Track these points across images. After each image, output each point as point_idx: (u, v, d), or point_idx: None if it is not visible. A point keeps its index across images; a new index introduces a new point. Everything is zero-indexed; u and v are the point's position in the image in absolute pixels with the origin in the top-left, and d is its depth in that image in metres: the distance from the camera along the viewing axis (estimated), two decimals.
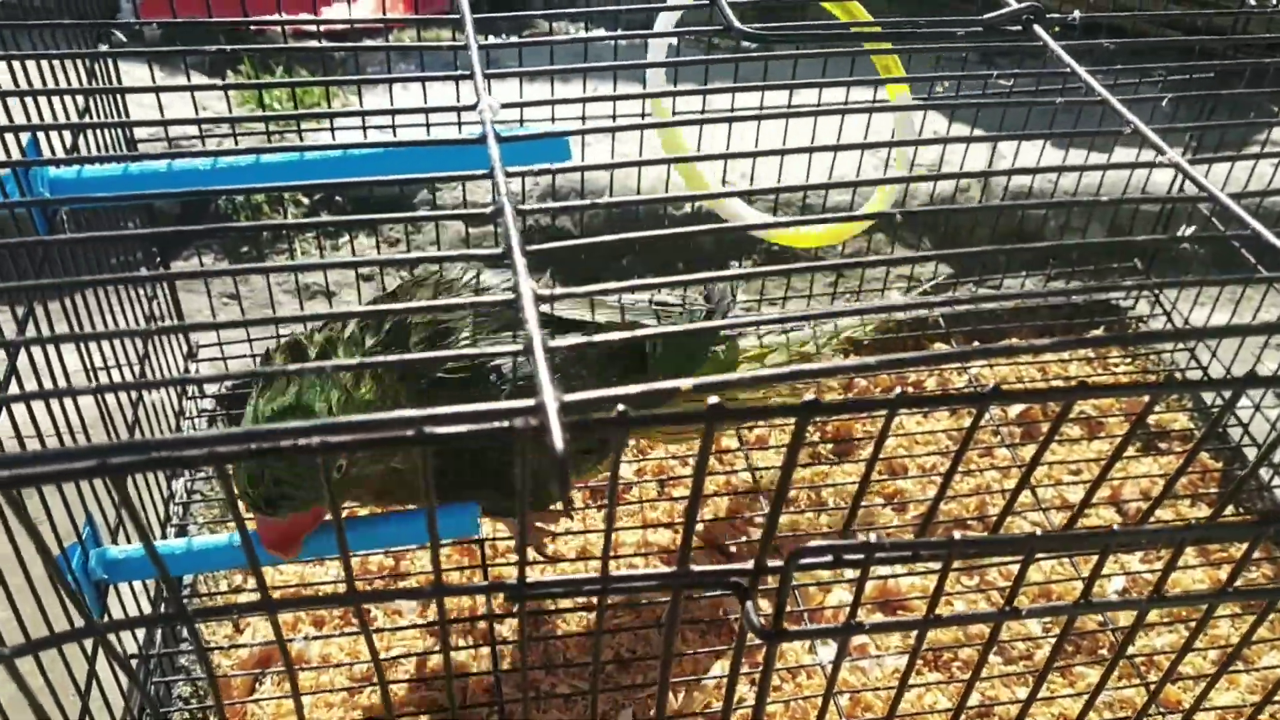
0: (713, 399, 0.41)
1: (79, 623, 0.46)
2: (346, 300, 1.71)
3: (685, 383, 0.42)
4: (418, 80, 0.81)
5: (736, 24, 0.65)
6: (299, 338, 0.93)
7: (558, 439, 0.39)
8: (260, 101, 1.92)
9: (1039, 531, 1.32)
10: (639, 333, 0.47)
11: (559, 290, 0.47)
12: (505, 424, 0.40)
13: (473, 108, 0.59)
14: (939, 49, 0.70)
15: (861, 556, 0.47)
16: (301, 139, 1.64)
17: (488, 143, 0.55)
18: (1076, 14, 0.70)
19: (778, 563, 0.48)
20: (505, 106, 0.60)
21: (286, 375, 0.88)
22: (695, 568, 0.48)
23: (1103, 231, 1.74)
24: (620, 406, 0.41)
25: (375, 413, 0.40)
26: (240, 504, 0.84)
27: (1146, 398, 1.52)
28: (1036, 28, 0.67)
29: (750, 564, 0.49)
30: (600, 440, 1.05)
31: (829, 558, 0.48)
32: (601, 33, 2.00)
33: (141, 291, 1.29)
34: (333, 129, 1.38)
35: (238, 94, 1.98)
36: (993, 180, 1.72)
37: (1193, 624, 1.24)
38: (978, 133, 1.63)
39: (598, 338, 0.46)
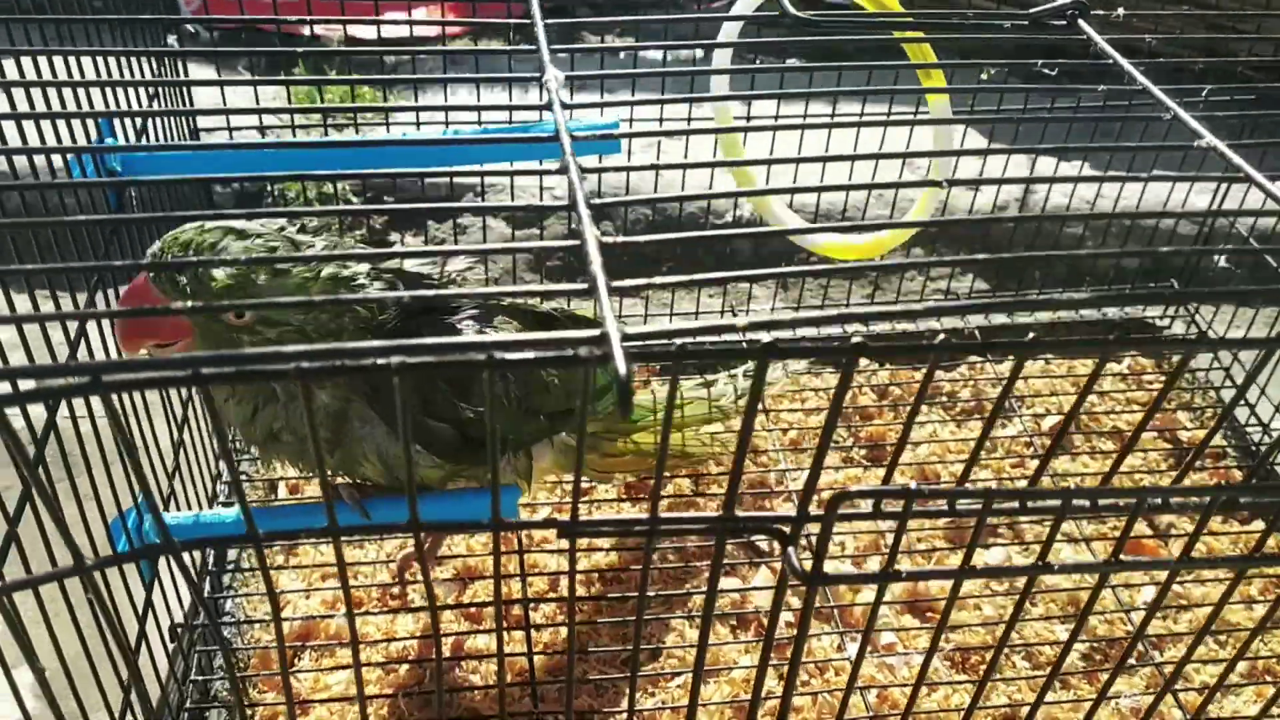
0: (764, 336, 0.44)
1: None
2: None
3: (740, 321, 0.45)
4: (476, 79, 0.83)
5: (791, 10, 0.67)
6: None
7: (621, 364, 0.42)
8: (319, 99, 1.97)
9: (1067, 545, 1.33)
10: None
11: (621, 239, 0.49)
12: (572, 352, 0.43)
13: (548, 107, 0.62)
14: (986, 39, 0.71)
15: (902, 502, 0.49)
16: (358, 129, 1.68)
17: (560, 133, 0.58)
18: (1121, 11, 0.73)
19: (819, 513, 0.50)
20: (567, 107, 0.62)
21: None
22: (740, 513, 0.51)
23: (1138, 256, 1.75)
24: (679, 341, 0.44)
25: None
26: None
27: (1178, 413, 1.53)
28: (1081, 22, 0.69)
29: (793, 510, 0.51)
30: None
31: (870, 503, 0.50)
32: (676, 45, 2.04)
33: None
34: (388, 124, 1.42)
35: (295, 95, 2.03)
36: (1032, 198, 1.74)
37: (1225, 643, 1.25)
38: (1018, 147, 1.65)
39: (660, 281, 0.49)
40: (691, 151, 1.70)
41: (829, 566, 1.08)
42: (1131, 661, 1.22)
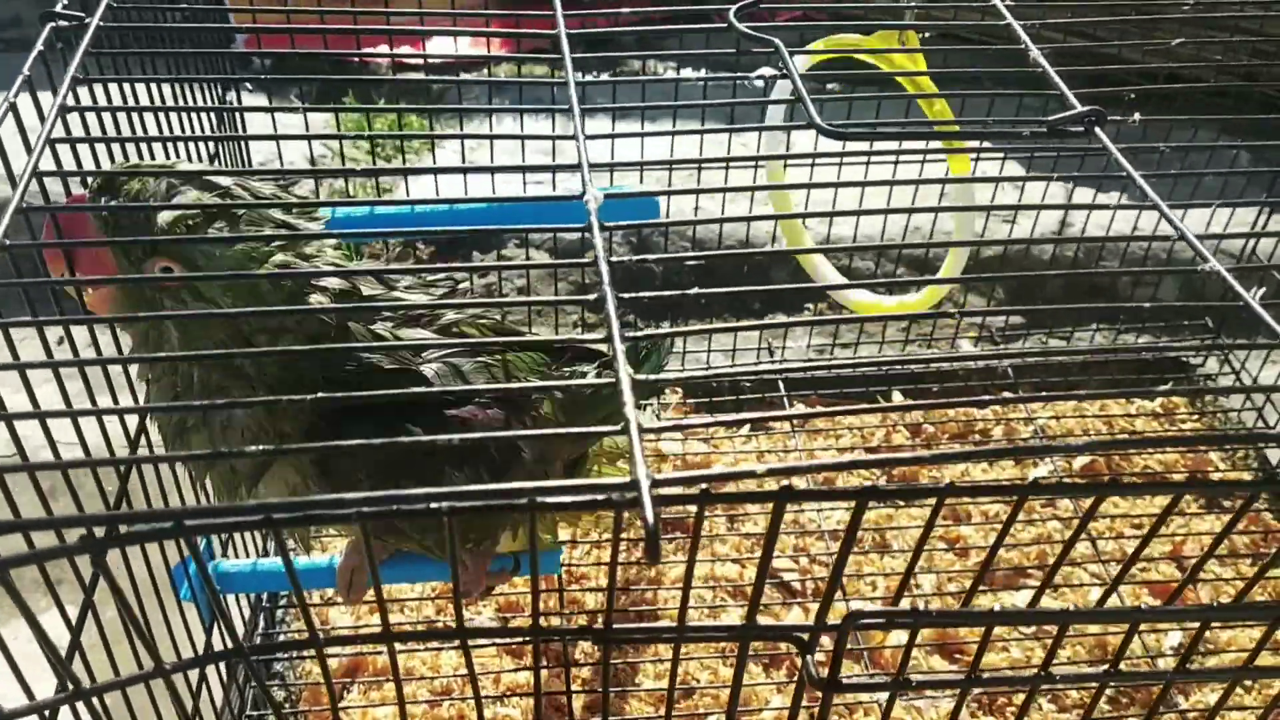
0: (785, 482, 0.48)
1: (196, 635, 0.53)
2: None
3: (759, 468, 0.48)
4: (521, 138, 0.88)
5: (818, 121, 0.71)
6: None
7: (649, 515, 0.46)
8: (366, 117, 2.03)
9: (1097, 588, 1.36)
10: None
11: (659, 376, 0.53)
12: (604, 497, 0.47)
13: (580, 196, 0.66)
14: (1007, 149, 0.74)
15: (910, 621, 0.53)
16: (407, 184, 1.74)
17: (593, 231, 0.62)
18: (1137, 116, 0.76)
19: (835, 622, 0.54)
20: (593, 167, 0.66)
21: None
22: (761, 620, 0.55)
23: (1175, 290, 1.76)
24: (703, 485, 0.48)
25: None
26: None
27: (1211, 454, 1.54)
28: (1098, 130, 0.72)
29: (811, 620, 0.55)
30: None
31: (882, 620, 0.54)
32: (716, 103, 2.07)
33: None
34: (435, 174, 1.46)
35: (345, 122, 2.09)
36: (1068, 230, 1.76)
37: (1251, 688, 1.27)
38: (1066, 188, 1.67)
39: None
40: (731, 193, 1.73)
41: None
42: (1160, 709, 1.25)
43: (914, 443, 1.57)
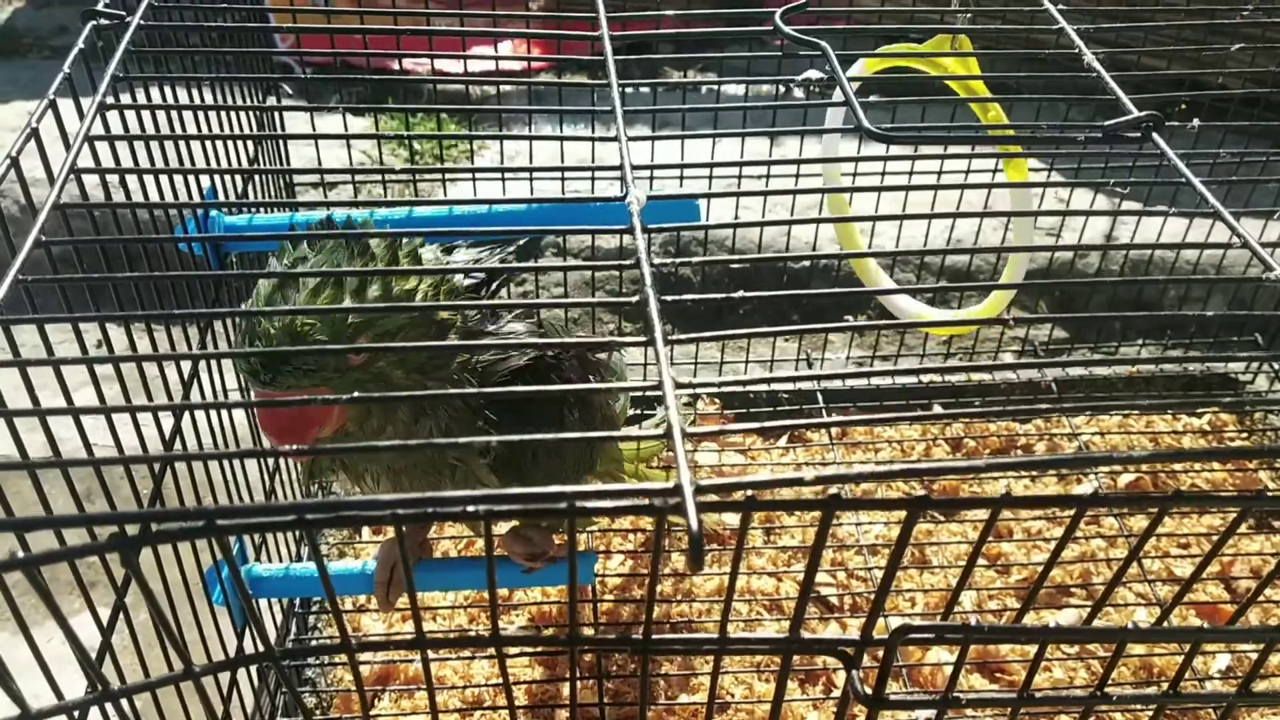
0: (833, 490, 0.46)
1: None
2: None
3: (807, 475, 0.47)
4: (560, 139, 0.86)
5: (866, 124, 0.69)
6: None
7: (693, 520, 0.44)
8: (406, 126, 2.03)
9: (1142, 608, 1.33)
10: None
11: (694, 380, 0.52)
12: (646, 502, 0.46)
13: (622, 198, 0.65)
14: (1060, 154, 0.72)
15: (960, 637, 0.51)
16: (445, 187, 1.73)
17: (635, 233, 0.61)
18: (1196, 122, 0.73)
19: (882, 637, 0.52)
20: (638, 167, 0.65)
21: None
22: (805, 634, 0.53)
23: (1223, 304, 1.72)
24: (748, 492, 0.46)
25: None
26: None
27: (1260, 473, 1.51)
28: (1155, 136, 0.70)
29: (857, 634, 0.53)
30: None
31: (931, 635, 0.52)
32: (764, 91, 2.06)
33: None
34: (474, 176, 1.46)
35: (385, 128, 2.09)
36: (1112, 251, 1.73)
37: None
38: (1112, 203, 1.65)
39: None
40: (771, 199, 1.72)
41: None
42: None
43: (955, 458, 1.54)
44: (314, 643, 1.29)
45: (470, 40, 2.01)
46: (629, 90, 0.96)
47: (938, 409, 1.62)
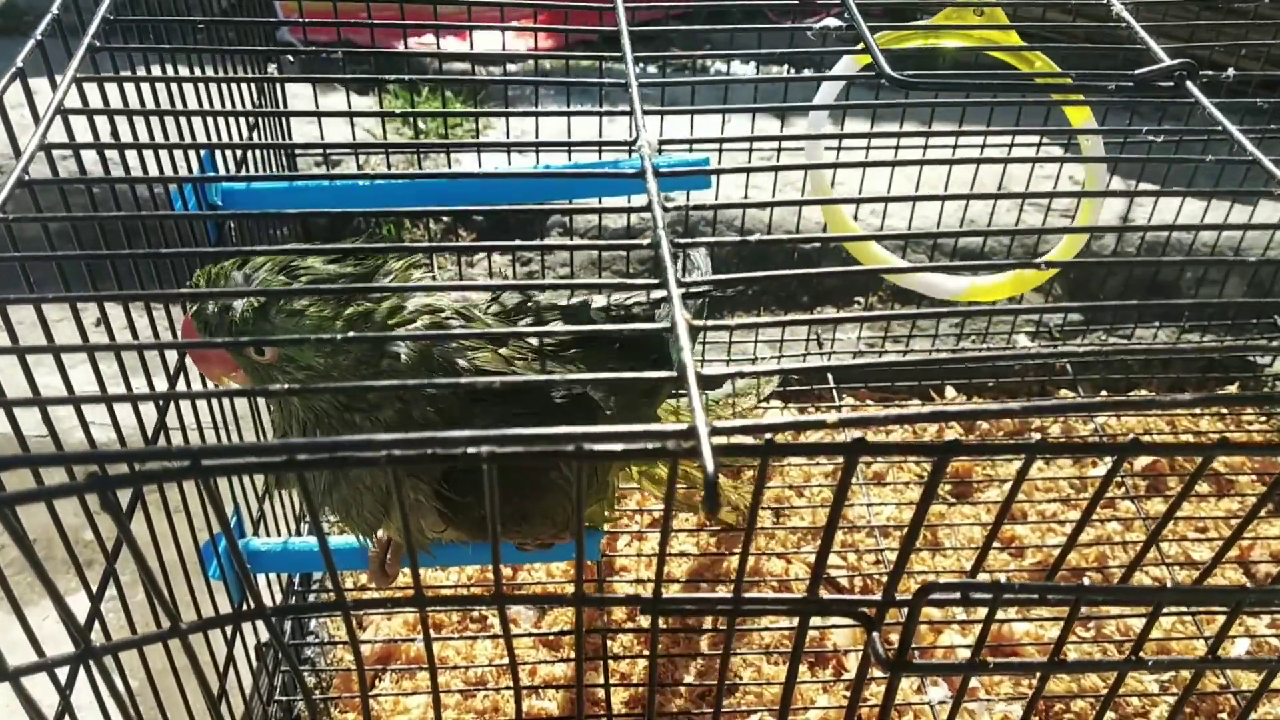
0: (855, 434, 0.43)
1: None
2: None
3: (830, 418, 0.44)
4: (568, 114, 0.84)
5: (889, 70, 0.67)
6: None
7: (709, 462, 0.42)
8: (410, 105, 2.00)
9: (1167, 584, 1.30)
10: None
11: (710, 322, 0.49)
12: (659, 445, 0.43)
13: (633, 142, 0.62)
14: (1091, 102, 0.70)
15: (989, 596, 0.48)
16: (450, 162, 1.70)
17: (646, 177, 0.58)
18: (1230, 71, 0.71)
19: (905, 596, 0.50)
20: (665, 143, 0.62)
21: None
22: (824, 595, 0.50)
23: (1242, 287, 1.69)
24: (767, 435, 0.44)
25: None
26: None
27: (1278, 459, 1.48)
28: (1189, 84, 0.67)
29: (879, 595, 0.50)
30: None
31: (957, 595, 0.49)
32: (775, 72, 2.03)
33: None
34: (479, 150, 1.43)
35: (389, 104, 2.07)
36: (1128, 232, 1.70)
37: None
38: (1128, 185, 1.61)
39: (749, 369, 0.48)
40: (782, 178, 1.69)
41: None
42: (1223, 717, 1.19)
43: (969, 439, 1.51)
44: (314, 621, 1.26)
45: (476, 14, 1.98)
46: (639, 69, 0.93)
47: (950, 391, 1.59)
